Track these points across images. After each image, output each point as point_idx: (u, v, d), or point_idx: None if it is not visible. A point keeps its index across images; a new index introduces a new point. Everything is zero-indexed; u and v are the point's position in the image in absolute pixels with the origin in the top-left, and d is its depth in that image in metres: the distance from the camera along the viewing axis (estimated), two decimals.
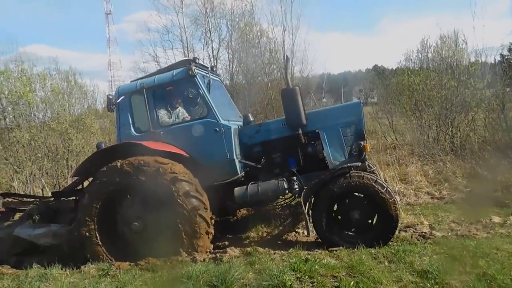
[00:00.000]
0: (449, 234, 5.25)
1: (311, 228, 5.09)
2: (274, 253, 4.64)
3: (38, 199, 6.63)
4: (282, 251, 4.75)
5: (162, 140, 5.45)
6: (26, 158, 10.14)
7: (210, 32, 18.05)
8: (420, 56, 12.35)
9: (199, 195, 4.97)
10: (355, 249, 4.54)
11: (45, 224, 5.68)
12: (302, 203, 5.02)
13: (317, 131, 5.49)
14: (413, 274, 3.75)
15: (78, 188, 6.06)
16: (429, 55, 12.35)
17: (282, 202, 6.20)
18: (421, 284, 3.54)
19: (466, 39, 11.25)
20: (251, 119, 6.17)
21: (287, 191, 5.32)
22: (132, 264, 4.84)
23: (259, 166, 5.56)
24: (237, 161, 5.38)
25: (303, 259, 4.19)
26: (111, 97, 5.92)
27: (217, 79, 6.66)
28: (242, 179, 5.45)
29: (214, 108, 5.46)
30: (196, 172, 5.13)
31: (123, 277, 4.36)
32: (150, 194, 4.90)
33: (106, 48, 61.12)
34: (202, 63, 6.35)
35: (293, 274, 3.80)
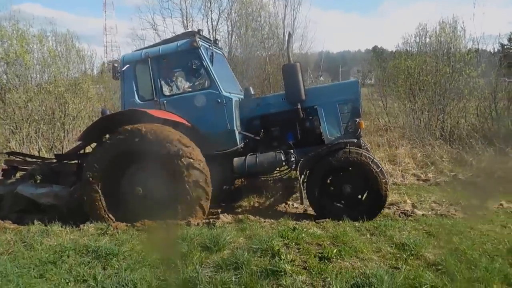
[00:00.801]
0: (429, 213, 5.60)
1: (304, 198, 5.35)
2: (264, 221, 4.92)
3: (41, 160, 6.80)
4: (272, 220, 5.04)
5: (165, 109, 5.63)
6: (22, 119, 10.23)
7: (210, 3, 17.87)
8: (418, 40, 12.43)
9: (202, 168, 5.16)
10: (340, 221, 4.83)
11: (47, 184, 5.90)
12: (298, 173, 5.28)
13: (315, 107, 5.69)
14: (391, 246, 4.05)
15: (80, 152, 6.24)
16: (427, 40, 12.43)
17: (278, 174, 6.47)
18: (398, 255, 3.84)
19: (465, 26, 11.35)
20: (252, 92, 6.36)
21: (284, 163, 5.56)
22: (129, 225, 5.08)
23: (258, 138, 5.80)
24: (237, 132, 5.60)
25: (291, 228, 4.47)
26: (116, 65, 6.05)
27: (220, 52, 6.80)
28: (241, 150, 5.68)
29: (217, 79, 5.61)
30: (197, 141, 5.32)
31: (120, 236, 4.61)
32: (155, 161, 5.08)
33: (102, 12, 59.66)
34: (206, 35, 6.45)
35: (281, 240, 4.07)
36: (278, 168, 6.10)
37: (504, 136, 9.56)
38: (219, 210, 5.94)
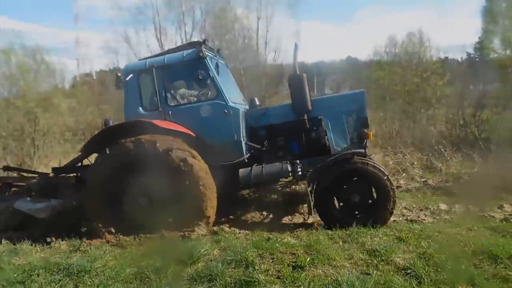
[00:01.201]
0: (400, 219, 5.75)
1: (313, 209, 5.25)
2: (239, 233, 4.95)
3: (37, 174, 6.65)
4: (247, 231, 5.07)
5: (170, 119, 5.58)
6: None
7: (184, 16, 17.98)
8: (387, 51, 12.87)
9: (207, 177, 5.11)
10: (314, 230, 4.91)
11: (45, 199, 5.75)
12: (307, 184, 5.24)
13: (321, 117, 5.72)
14: (363, 253, 4.14)
15: (78, 164, 6.16)
16: (396, 50, 12.88)
17: (282, 185, 6.51)
18: (369, 261, 3.93)
19: (430, 38, 11.85)
20: (257, 103, 6.40)
21: (290, 174, 5.54)
22: (102, 241, 5.01)
23: (264, 148, 5.77)
24: (243, 143, 5.57)
25: (265, 238, 4.52)
26: (119, 74, 5.94)
27: (223, 62, 6.77)
28: (246, 161, 5.63)
29: (223, 90, 5.61)
30: (203, 152, 5.27)
31: (93, 252, 4.54)
32: (159, 171, 5.00)
33: (74, 24, 58.63)
34: (211, 46, 6.44)
35: (255, 251, 4.10)
36: (285, 179, 6.10)
37: (471, 141, 9.98)
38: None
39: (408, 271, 3.66)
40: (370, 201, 5.25)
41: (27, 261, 4.36)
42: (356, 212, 5.27)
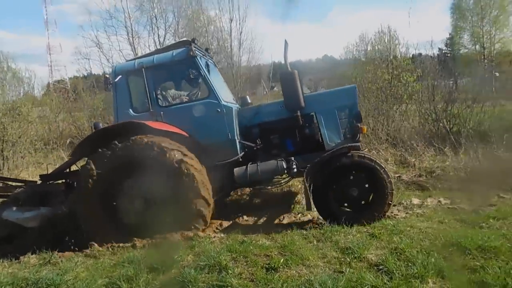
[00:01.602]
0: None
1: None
2: (214, 237, 4.90)
3: (24, 183, 6.45)
4: (222, 235, 5.03)
5: (162, 120, 5.48)
6: None
7: (157, 19, 17.80)
8: (359, 49, 13.06)
9: (202, 177, 5.04)
10: (289, 231, 4.90)
11: (34, 207, 5.57)
12: (304, 179, 5.25)
13: (314, 113, 5.73)
14: (336, 251, 4.17)
15: (67, 170, 5.99)
16: (369, 48, 13.09)
17: (278, 183, 6.45)
18: (342, 259, 3.96)
19: (398, 35, 12.08)
20: (249, 101, 6.35)
21: (285, 171, 5.52)
22: (76, 252, 4.88)
23: (258, 147, 5.73)
24: (237, 142, 5.52)
25: (239, 241, 4.49)
26: (108, 76, 5.80)
27: (212, 61, 6.69)
28: (241, 160, 5.57)
29: (215, 89, 5.54)
30: (197, 152, 5.20)
31: (64, 265, 4.41)
32: (154, 173, 4.89)
33: (45, 30, 57.03)
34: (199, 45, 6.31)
35: (229, 255, 4.07)
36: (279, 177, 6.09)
37: (443, 136, 10.21)
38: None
39: (380, 267, 3.71)
40: (367, 196, 5.28)
41: None
42: (352, 205, 5.30)
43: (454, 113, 10.86)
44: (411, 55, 13.07)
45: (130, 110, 5.65)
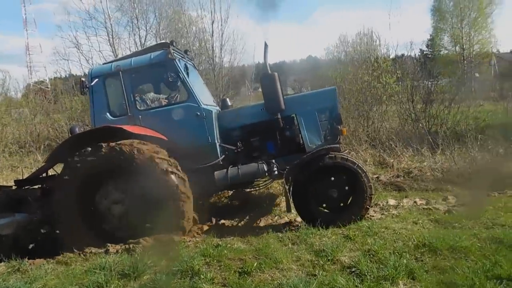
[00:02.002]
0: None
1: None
2: (189, 241, 4.85)
3: None
4: (197, 239, 4.98)
5: (140, 124, 5.39)
6: None
7: (137, 20, 17.57)
8: (339, 50, 13.16)
9: (180, 176, 4.98)
10: (265, 234, 4.89)
11: (9, 214, 5.39)
12: (284, 181, 5.24)
13: (294, 115, 5.72)
14: (311, 254, 4.17)
15: (43, 175, 5.84)
16: (348, 49, 13.19)
17: (258, 186, 6.46)
18: (316, 261, 3.97)
19: (379, 36, 12.20)
20: (229, 103, 6.31)
21: (266, 174, 5.50)
22: (47, 259, 4.76)
23: (238, 150, 5.69)
24: (217, 145, 5.47)
25: (214, 245, 4.45)
26: (84, 79, 5.67)
27: (191, 63, 6.61)
28: (221, 163, 5.53)
29: (195, 92, 5.47)
30: (176, 156, 5.13)
31: (34, 273, 4.30)
32: (133, 176, 4.82)
33: (23, 30, 55.71)
34: (178, 47, 6.24)
35: (202, 259, 4.04)
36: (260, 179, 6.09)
37: (421, 136, 10.34)
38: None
39: (353, 270, 3.74)
40: (347, 196, 5.31)
41: None
42: (331, 207, 5.32)
43: (433, 113, 11.03)
44: (391, 56, 13.24)
45: (108, 114, 5.57)
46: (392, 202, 6.23)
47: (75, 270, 4.32)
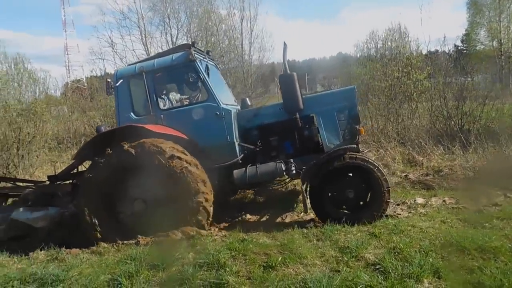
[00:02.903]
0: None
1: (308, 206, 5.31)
2: (216, 235, 4.98)
3: (33, 183, 6.65)
4: (224, 233, 5.11)
5: (162, 123, 5.58)
6: None
7: (169, 19, 17.94)
8: (368, 47, 12.96)
9: (201, 175, 5.12)
10: (290, 229, 4.95)
11: (43, 208, 5.76)
12: (301, 181, 5.30)
13: (313, 115, 5.76)
14: (335, 250, 4.20)
15: (74, 171, 6.14)
16: (379, 45, 12.98)
17: (277, 184, 6.54)
18: (340, 258, 3.99)
19: (408, 32, 11.92)
20: (249, 103, 6.41)
21: (284, 173, 5.56)
22: (82, 249, 5.01)
23: (257, 149, 5.80)
24: (236, 144, 5.59)
25: (240, 239, 4.56)
26: (109, 80, 5.92)
27: (213, 63, 6.77)
28: (240, 162, 5.64)
29: (214, 92, 5.63)
30: (196, 155, 5.29)
31: (70, 261, 4.55)
32: (154, 174, 4.98)
33: (63, 31, 58.15)
34: (200, 48, 6.38)
35: (228, 253, 4.15)
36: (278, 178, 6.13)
37: (453, 134, 10.06)
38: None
39: (377, 267, 3.74)
40: (364, 197, 5.27)
41: (3, 272, 4.36)
42: (348, 208, 5.29)
43: (465, 110, 10.70)
44: (422, 52, 12.91)
45: (132, 114, 5.77)
46: (420, 200, 6.12)
47: (108, 260, 4.55)
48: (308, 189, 5.31)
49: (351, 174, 5.28)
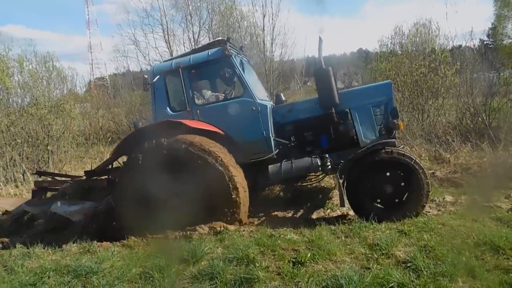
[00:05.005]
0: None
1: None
2: (243, 230, 5.01)
3: (70, 178, 6.91)
4: (251, 228, 5.13)
5: (198, 119, 5.67)
6: (5, 143, 10.23)
7: (191, 16, 18.06)
8: (394, 42, 12.74)
9: (239, 174, 5.19)
10: (317, 226, 4.94)
11: (80, 202, 5.99)
12: (338, 176, 5.31)
13: (348, 110, 5.73)
14: (364, 247, 4.17)
15: (109, 167, 6.32)
16: (403, 41, 12.74)
17: (311, 180, 6.57)
18: (370, 255, 3.96)
19: (439, 26, 11.65)
20: (283, 98, 6.47)
21: (319, 168, 5.59)
22: (113, 242, 5.11)
23: (292, 144, 5.83)
24: (272, 139, 5.62)
25: (268, 235, 4.58)
26: (146, 76, 6.04)
27: (246, 59, 6.82)
28: (275, 157, 5.67)
29: (250, 87, 5.68)
30: (232, 150, 5.36)
31: (102, 254, 4.66)
32: (192, 170, 5.08)
33: (86, 30, 59.43)
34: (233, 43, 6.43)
35: (257, 248, 4.17)
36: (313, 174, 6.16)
37: (480, 131, 9.81)
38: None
39: (408, 264, 3.69)
40: (401, 195, 5.21)
41: (39, 264, 4.52)
42: (386, 203, 5.23)
43: (494, 107, 10.41)
44: (449, 48, 12.59)
45: (168, 109, 5.84)
46: (449, 198, 6.02)
47: (138, 253, 4.65)
48: (345, 183, 5.26)
49: (392, 170, 5.18)
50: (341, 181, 5.26)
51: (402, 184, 5.18)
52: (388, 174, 5.19)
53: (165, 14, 17.70)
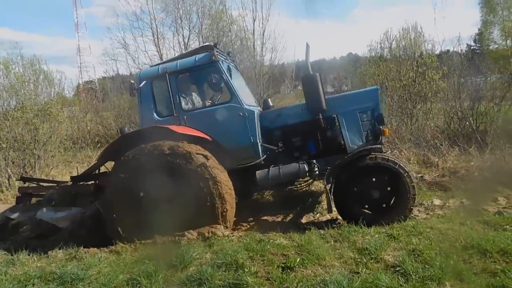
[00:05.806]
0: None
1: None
2: (232, 235, 4.97)
3: (56, 184, 6.79)
4: (240, 233, 5.10)
5: (185, 124, 5.62)
6: None
7: (181, 20, 18.01)
8: (383, 46, 12.87)
9: (224, 179, 5.14)
10: (307, 230, 4.93)
11: (66, 208, 5.87)
12: (325, 182, 5.30)
13: (336, 116, 5.74)
14: (353, 251, 4.17)
15: (96, 172, 6.24)
16: (392, 45, 12.88)
17: (299, 185, 6.55)
18: (359, 259, 3.96)
19: (424, 32, 11.80)
20: (271, 104, 6.45)
21: (307, 174, 5.58)
22: (100, 248, 5.03)
23: (280, 149, 5.80)
24: (259, 145, 5.60)
25: (257, 240, 4.55)
26: (132, 81, 5.98)
27: (233, 64, 6.80)
28: (263, 163, 5.65)
29: (237, 93, 5.65)
30: (219, 156, 5.30)
31: (89, 260, 4.58)
32: (178, 176, 5.03)
33: (75, 33, 58.90)
34: (221, 49, 6.43)
35: (246, 253, 4.14)
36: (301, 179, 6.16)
37: (468, 135, 9.93)
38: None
39: (397, 269, 3.69)
40: (388, 199, 5.24)
41: (23, 271, 4.42)
42: (373, 208, 5.25)
43: (481, 111, 10.55)
44: (437, 53, 12.77)
45: (155, 115, 5.80)
46: (437, 202, 6.06)
47: (126, 259, 4.58)
48: (332, 189, 5.28)
49: (378, 175, 5.22)
50: (328, 187, 5.27)
51: (388, 188, 5.23)
52: (374, 179, 5.23)
53: (155, 18, 17.64)
